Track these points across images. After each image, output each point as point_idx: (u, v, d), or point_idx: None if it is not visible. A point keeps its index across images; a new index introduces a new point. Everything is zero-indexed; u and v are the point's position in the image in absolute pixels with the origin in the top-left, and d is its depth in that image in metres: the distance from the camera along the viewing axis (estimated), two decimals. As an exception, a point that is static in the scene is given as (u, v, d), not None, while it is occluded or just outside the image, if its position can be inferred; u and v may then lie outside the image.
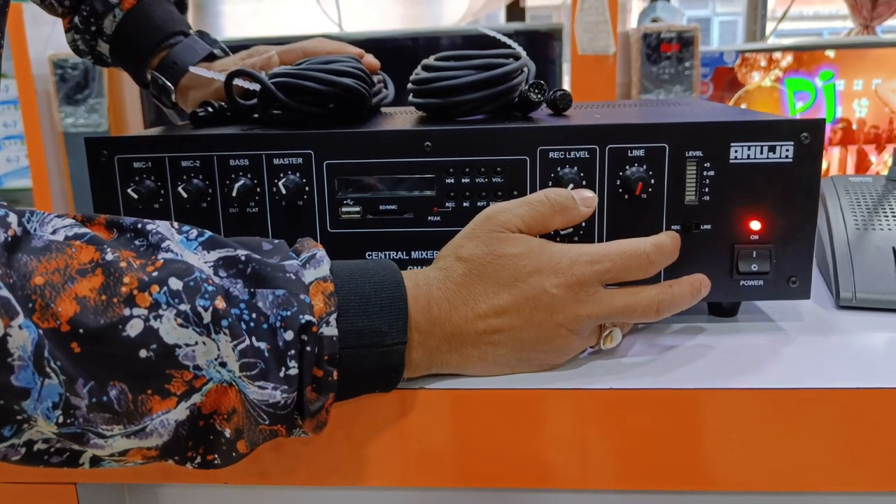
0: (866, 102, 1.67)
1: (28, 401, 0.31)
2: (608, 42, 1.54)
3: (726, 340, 0.47)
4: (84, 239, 0.34)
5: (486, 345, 0.41)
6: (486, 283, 0.40)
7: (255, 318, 0.35)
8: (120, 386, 0.33)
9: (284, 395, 0.35)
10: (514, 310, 0.40)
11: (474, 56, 0.53)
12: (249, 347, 0.34)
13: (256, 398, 0.35)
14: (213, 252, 0.36)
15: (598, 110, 0.57)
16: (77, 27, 0.72)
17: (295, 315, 0.35)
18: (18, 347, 0.30)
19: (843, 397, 0.39)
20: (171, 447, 0.35)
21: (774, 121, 0.45)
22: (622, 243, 0.42)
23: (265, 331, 0.34)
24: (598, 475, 0.41)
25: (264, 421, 0.36)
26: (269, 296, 0.35)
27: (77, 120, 1.77)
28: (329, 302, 0.36)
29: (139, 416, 0.33)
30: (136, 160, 0.48)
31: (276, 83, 0.54)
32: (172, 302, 0.33)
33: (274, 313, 0.35)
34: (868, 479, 0.40)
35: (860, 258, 0.53)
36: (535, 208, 0.42)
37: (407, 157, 0.47)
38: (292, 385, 0.35)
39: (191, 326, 0.33)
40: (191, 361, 0.33)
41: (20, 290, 0.31)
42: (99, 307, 0.32)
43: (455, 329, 0.40)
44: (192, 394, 0.34)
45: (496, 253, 0.41)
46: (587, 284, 0.40)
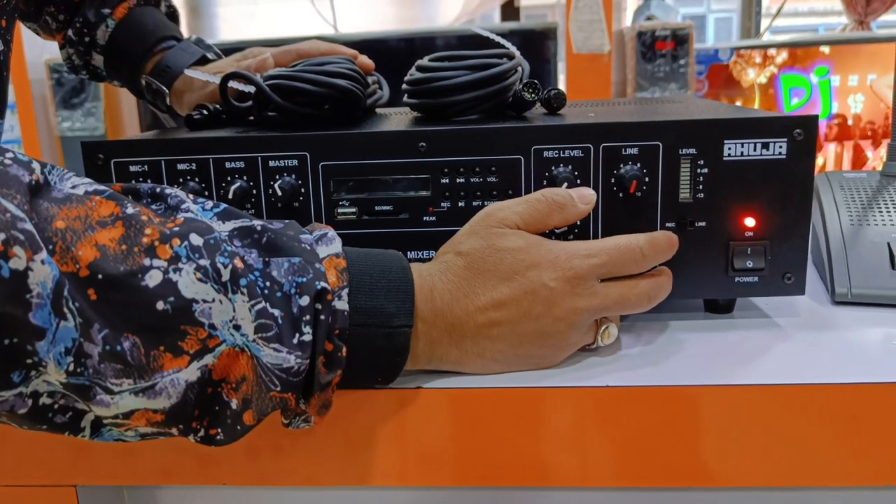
0: (862, 98, 1.67)
1: (42, 342, 0.30)
2: (603, 40, 1.55)
3: (723, 337, 0.47)
4: (104, 195, 0.34)
5: (485, 339, 0.41)
6: (486, 276, 0.41)
7: (269, 286, 0.35)
8: (133, 339, 0.32)
9: (298, 360, 0.35)
10: (513, 303, 0.40)
11: (468, 56, 0.53)
12: (265, 310, 0.34)
13: (270, 361, 0.35)
14: (228, 223, 0.37)
15: (592, 109, 0.58)
16: (71, 41, 0.73)
17: (311, 281, 0.35)
18: (38, 284, 0.30)
19: (839, 392, 0.40)
20: (178, 412, 0.34)
21: (767, 118, 0.45)
22: (617, 238, 0.43)
23: (279, 298, 0.35)
24: (596, 473, 0.42)
25: (276, 387, 0.35)
26: (285, 263, 0.36)
27: (74, 124, 1.77)
28: (342, 277, 0.37)
29: (150, 371, 0.33)
30: (133, 164, 0.48)
31: (270, 85, 0.54)
32: (192, 256, 0.33)
33: (289, 280, 0.35)
34: (865, 473, 0.40)
35: (855, 254, 0.53)
36: (533, 206, 0.43)
37: (402, 158, 0.47)
38: (306, 351, 0.35)
39: (209, 282, 0.33)
40: (207, 319, 0.33)
41: (42, 231, 0.31)
42: (119, 255, 0.32)
43: (456, 321, 0.40)
44: (204, 354, 0.34)
45: (495, 247, 0.41)
46: (584, 278, 0.41)
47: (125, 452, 0.43)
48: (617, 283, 0.42)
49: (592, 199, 0.44)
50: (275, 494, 0.48)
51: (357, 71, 0.57)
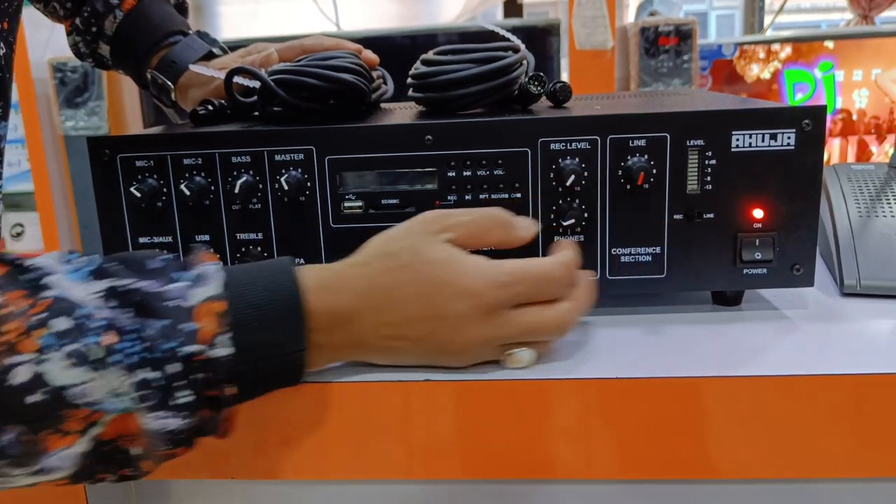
0: (866, 93, 1.67)
1: None
2: (606, 37, 1.54)
3: (730, 329, 0.47)
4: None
5: (389, 350, 0.41)
6: (399, 290, 0.40)
7: (146, 348, 0.35)
8: (13, 431, 0.33)
9: (179, 421, 0.36)
10: (421, 321, 0.40)
11: (473, 49, 0.53)
12: (142, 380, 0.34)
13: (154, 427, 0.35)
14: (101, 282, 0.36)
15: (598, 101, 0.57)
16: (78, 29, 0.72)
17: (180, 346, 0.35)
18: None
19: (848, 384, 0.39)
20: (81, 475, 0.35)
21: (776, 108, 0.45)
22: (534, 265, 0.42)
23: (155, 361, 0.35)
24: (602, 465, 0.41)
25: (165, 447, 0.36)
26: (157, 324, 0.35)
27: (77, 123, 1.77)
28: (221, 322, 0.36)
29: (36, 455, 0.33)
30: (139, 159, 0.48)
31: (275, 80, 0.54)
32: (61, 343, 0.33)
33: (160, 344, 0.35)
34: (874, 465, 0.40)
35: (864, 245, 0.53)
36: (476, 219, 0.43)
37: (408, 151, 0.47)
38: (185, 412, 0.36)
39: (82, 365, 0.33)
40: (83, 399, 0.33)
41: None
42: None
43: (359, 334, 0.41)
44: (91, 427, 0.34)
45: (419, 256, 0.41)
46: (495, 308, 0.40)
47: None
48: (530, 310, 0.41)
49: (533, 230, 0.45)
50: (282, 488, 0.48)
51: (362, 66, 0.57)
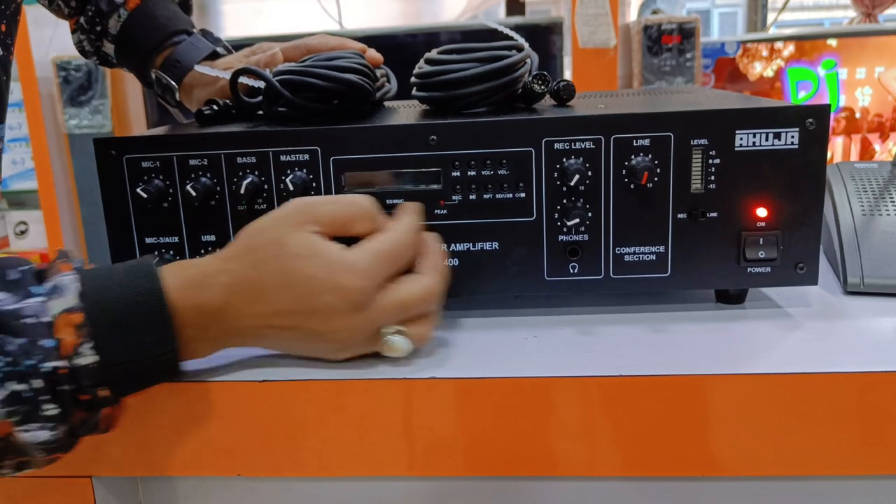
0: (869, 91, 1.67)
1: None
2: (609, 35, 1.54)
3: (734, 327, 0.47)
4: None
5: (264, 337, 0.42)
6: (265, 282, 0.40)
7: (9, 363, 0.35)
8: None
9: (51, 432, 0.36)
10: (291, 313, 0.41)
11: (477, 48, 0.53)
12: (10, 395, 0.35)
13: (26, 440, 0.36)
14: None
15: (601, 100, 0.57)
16: (83, 27, 0.73)
17: (39, 362, 0.35)
18: None
19: (852, 381, 0.40)
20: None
21: (779, 107, 0.45)
22: (387, 240, 0.42)
23: (20, 373, 0.35)
24: (606, 462, 0.42)
25: (42, 455, 0.37)
26: (15, 343, 0.35)
27: (81, 121, 1.77)
28: (80, 332, 0.36)
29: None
30: (145, 160, 0.48)
31: (280, 80, 0.54)
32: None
33: (20, 360, 0.35)
34: (877, 462, 0.40)
35: (867, 244, 0.53)
36: (343, 208, 0.43)
37: (413, 152, 0.47)
38: (57, 422, 0.36)
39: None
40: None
41: None
42: None
43: (231, 325, 0.41)
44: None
45: (284, 249, 0.41)
46: (362, 295, 0.40)
47: (141, 444, 0.43)
48: (394, 288, 0.42)
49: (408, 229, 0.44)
50: (288, 485, 0.48)
51: (366, 65, 0.57)
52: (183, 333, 0.40)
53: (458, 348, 0.45)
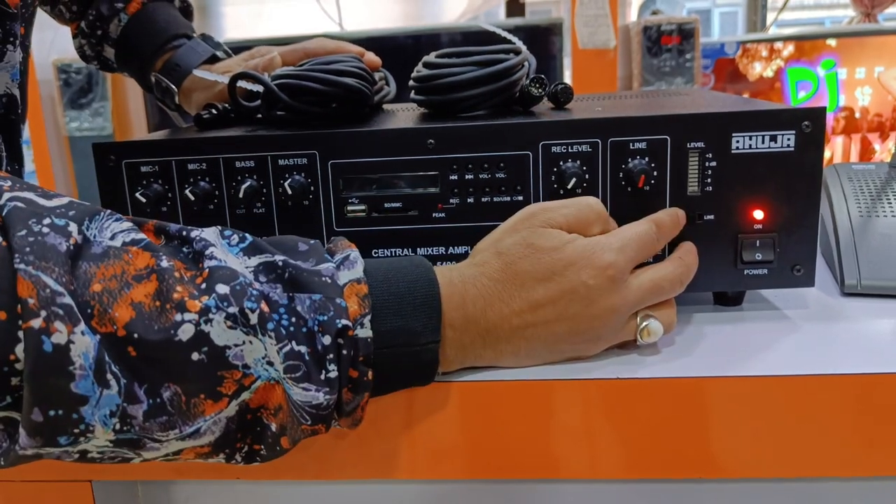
0: (869, 91, 1.67)
1: (86, 407, 0.32)
2: (608, 36, 1.54)
3: (732, 329, 0.47)
4: (140, 245, 0.35)
5: (520, 339, 0.41)
6: (522, 277, 0.41)
7: (294, 323, 0.36)
8: (174, 388, 0.34)
9: (327, 396, 0.36)
10: (550, 304, 0.41)
11: (475, 52, 0.53)
12: (292, 351, 0.35)
13: (300, 399, 0.36)
14: (254, 258, 0.37)
15: (599, 103, 0.58)
16: (84, 32, 0.73)
17: (332, 319, 0.36)
18: (80, 355, 0.31)
19: (850, 383, 0.40)
20: (222, 442, 0.36)
21: (775, 110, 0.45)
22: (633, 228, 0.43)
23: (304, 334, 0.36)
24: (606, 465, 0.42)
25: (306, 421, 0.37)
26: (307, 300, 0.36)
27: (82, 124, 1.78)
28: (363, 304, 0.37)
29: (192, 417, 0.34)
30: (144, 164, 0.49)
31: (279, 84, 0.54)
32: (221, 305, 0.34)
33: (311, 317, 0.36)
34: (876, 464, 0.40)
35: (864, 245, 0.53)
36: (580, 210, 0.43)
37: (411, 155, 0.47)
38: (333, 387, 0.36)
39: (239, 328, 0.34)
40: (240, 361, 0.34)
41: (80, 296, 0.32)
42: (153, 312, 0.33)
43: (489, 326, 0.41)
44: (241, 392, 0.35)
45: (534, 247, 0.41)
46: (620, 273, 0.41)
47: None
48: (644, 270, 0.43)
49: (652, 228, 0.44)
50: (287, 489, 0.49)
51: (364, 69, 0.57)
52: (444, 333, 0.40)
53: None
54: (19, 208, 0.33)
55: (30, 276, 0.31)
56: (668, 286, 0.43)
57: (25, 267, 0.31)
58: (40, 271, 0.31)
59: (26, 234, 0.32)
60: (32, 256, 0.32)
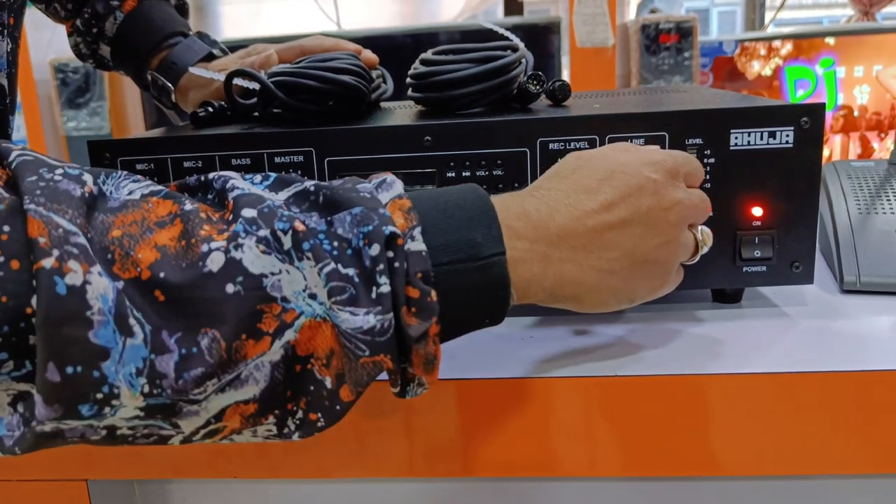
0: (867, 89, 1.66)
1: (108, 362, 0.28)
2: (607, 34, 1.54)
3: (731, 326, 0.47)
4: (161, 195, 0.33)
5: (599, 247, 0.38)
6: (585, 181, 0.38)
7: (337, 246, 0.32)
8: (211, 332, 0.30)
9: (379, 317, 0.31)
10: (621, 200, 0.38)
11: (472, 49, 0.53)
12: (335, 271, 0.31)
13: (349, 327, 0.32)
14: (283, 191, 0.34)
15: (597, 100, 0.57)
16: (79, 30, 0.73)
17: (377, 228, 0.32)
18: (98, 298, 0.28)
19: (848, 380, 0.40)
20: (269, 396, 0.32)
21: (774, 106, 0.45)
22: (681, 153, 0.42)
23: (350, 256, 0.32)
24: (605, 463, 0.42)
25: (364, 352, 0.32)
26: (347, 217, 0.32)
27: (79, 123, 1.77)
28: (409, 217, 0.33)
29: (233, 363, 0.31)
30: (139, 162, 0.48)
31: (275, 82, 0.54)
32: (250, 229, 0.31)
33: (355, 233, 0.32)
34: (874, 461, 0.40)
35: (863, 242, 0.53)
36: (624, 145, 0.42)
37: (407, 152, 0.47)
38: (386, 305, 0.32)
39: (273, 253, 0.31)
40: (278, 293, 0.31)
41: (98, 243, 0.29)
42: (179, 251, 0.30)
43: (562, 230, 0.37)
44: (284, 329, 0.31)
45: (584, 157, 0.40)
46: (677, 172, 0.40)
47: (136, 447, 0.43)
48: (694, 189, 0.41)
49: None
50: (284, 487, 0.48)
51: (361, 66, 0.57)
52: (512, 245, 0.35)
53: (454, 349, 0.45)
54: (28, 160, 0.31)
55: (40, 216, 0.28)
56: (706, 203, 0.42)
57: (36, 207, 0.28)
58: (52, 212, 0.28)
59: (37, 180, 0.29)
60: (44, 199, 0.29)
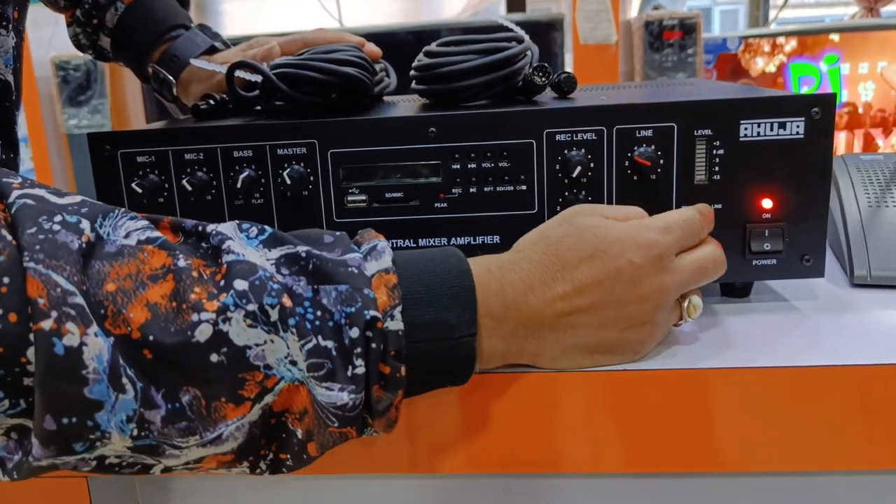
0: (872, 86, 1.66)
1: (101, 412, 0.31)
2: (610, 31, 1.53)
3: (740, 320, 0.46)
4: (156, 243, 0.34)
5: (566, 327, 0.39)
6: (565, 257, 0.39)
7: (320, 316, 0.34)
8: (193, 391, 0.32)
9: (352, 395, 0.34)
10: (595, 285, 0.38)
11: (476, 40, 0.52)
12: (316, 347, 0.33)
13: (324, 400, 0.34)
14: (275, 250, 0.35)
15: (603, 92, 0.57)
16: (79, 20, 0.72)
17: (360, 311, 0.34)
18: (94, 358, 0.30)
19: (859, 375, 0.39)
20: (246, 448, 0.35)
21: (784, 97, 0.44)
22: (680, 213, 0.42)
23: (331, 329, 0.34)
24: (609, 459, 0.41)
25: (333, 423, 0.35)
26: (333, 292, 0.34)
27: (80, 121, 1.77)
28: (393, 295, 0.35)
29: (213, 422, 0.33)
30: (140, 154, 0.48)
31: (277, 74, 0.53)
32: (240, 303, 0.32)
33: (338, 310, 0.34)
34: (885, 456, 0.40)
35: (874, 236, 0.52)
36: (620, 209, 0.42)
37: (412, 144, 0.46)
38: (359, 385, 0.34)
39: (259, 326, 0.33)
40: (261, 361, 0.33)
41: (93, 296, 0.31)
42: (170, 314, 0.32)
43: (532, 312, 0.38)
44: (264, 395, 0.34)
45: (576, 226, 0.40)
46: (667, 253, 0.40)
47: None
48: (689, 254, 0.41)
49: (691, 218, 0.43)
50: (286, 484, 0.48)
51: (364, 58, 0.56)
52: (483, 323, 0.37)
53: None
54: (28, 205, 0.32)
55: (40, 275, 0.30)
56: (712, 266, 0.41)
57: (35, 265, 0.30)
58: (51, 270, 0.30)
59: (36, 232, 0.31)
60: (42, 254, 0.30)
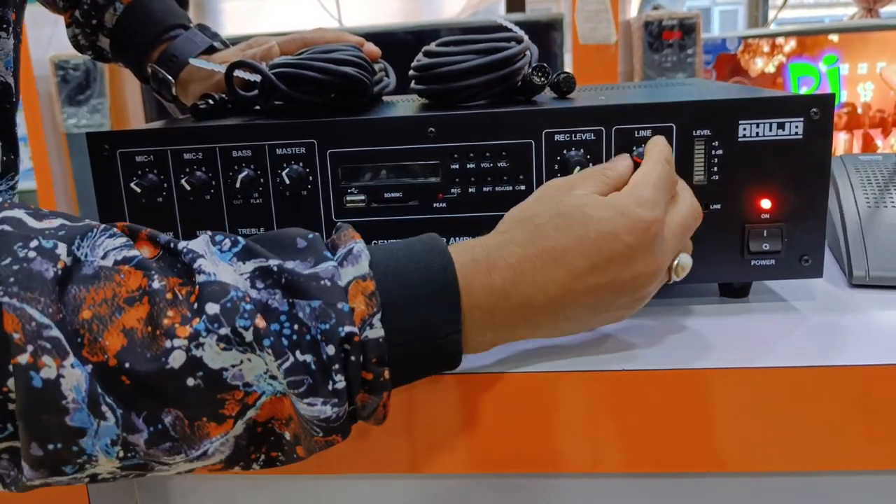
0: (871, 86, 1.66)
1: (85, 438, 0.31)
2: (609, 31, 1.53)
3: (738, 320, 0.46)
4: (133, 263, 0.34)
5: (560, 308, 0.38)
6: (556, 239, 0.38)
7: (297, 330, 0.33)
8: (174, 413, 0.32)
9: (335, 408, 0.34)
10: (589, 267, 0.37)
11: (476, 40, 0.52)
12: (294, 364, 0.33)
13: (308, 414, 0.34)
14: (249, 262, 0.35)
15: (602, 92, 0.57)
16: (78, 21, 0.72)
17: (334, 328, 0.33)
18: (72, 389, 0.31)
19: (857, 375, 0.39)
20: (235, 458, 0.35)
21: (783, 97, 0.44)
22: (655, 172, 0.40)
23: (308, 342, 0.33)
24: (609, 459, 0.41)
25: (318, 433, 0.35)
26: (307, 307, 0.34)
27: (79, 121, 1.77)
28: (371, 303, 0.34)
29: (198, 440, 0.33)
30: (139, 154, 0.48)
31: (276, 74, 0.53)
32: (212, 328, 0.32)
33: (314, 325, 0.33)
34: (883, 457, 0.40)
35: (873, 236, 0.52)
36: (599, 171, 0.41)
37: (411, 144, 0.46)
38: (342, 398, 0.34)
39: (234, 348, 0.32)
40: (239, 381, 0.33)
41: (69, 325, 0.31)
42: (145, 339, 0.32)
43: (524, 299, 0.37)
44: (247, 410, 0.34)
45: (563, 204, 0.39)
46: (657, 225, 0.39)
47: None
48: (673, 217, 0.40)
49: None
50: (286, 483, 0.48)
51: (363, 58, 0.56)
52: (470, 317, 0.37)
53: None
54: (5, 232, 0.32)
55: (14, 310, 0.30)
56: (693, 221, 0.41)
57: (9, 300, 0.30)
58: (25, 303, 0.30)
59: (11, 263, 0.31)
60: (17, 287, 0.30)
